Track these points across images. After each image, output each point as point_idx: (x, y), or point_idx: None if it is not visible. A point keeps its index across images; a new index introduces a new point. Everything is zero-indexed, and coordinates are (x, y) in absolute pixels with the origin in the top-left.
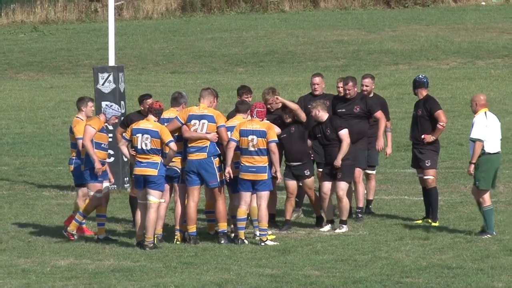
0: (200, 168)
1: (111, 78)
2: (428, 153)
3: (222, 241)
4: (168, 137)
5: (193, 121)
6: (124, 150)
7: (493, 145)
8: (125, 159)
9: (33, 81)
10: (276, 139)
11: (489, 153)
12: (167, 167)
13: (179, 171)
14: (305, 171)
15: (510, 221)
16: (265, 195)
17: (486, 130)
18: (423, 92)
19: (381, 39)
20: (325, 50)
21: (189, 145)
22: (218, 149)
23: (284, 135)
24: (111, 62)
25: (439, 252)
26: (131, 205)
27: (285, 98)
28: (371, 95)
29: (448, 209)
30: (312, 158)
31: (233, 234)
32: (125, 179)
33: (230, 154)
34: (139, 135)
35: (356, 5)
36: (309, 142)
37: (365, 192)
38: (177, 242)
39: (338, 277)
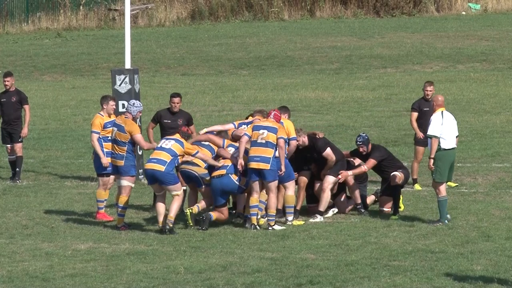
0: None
1: (127, 79)
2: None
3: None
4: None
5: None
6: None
7: (448, 141)
8: (140, 152)
9: (57, 82)
10: (286, 137)
11: (445, 149)
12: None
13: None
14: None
15: (487, 210)
16: (272, 185)
17: (442, 127)
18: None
19: (371, 45)
20: (320, 55)
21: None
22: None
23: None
24: (127, 65)
25: (423, 238)
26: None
27: (284, 97)
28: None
29: (431, 199)
30: None
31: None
32: (140, 170)
33: (242, 147)
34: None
35: (349, 14)
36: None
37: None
38: (190, 224)
39: (332, 260)
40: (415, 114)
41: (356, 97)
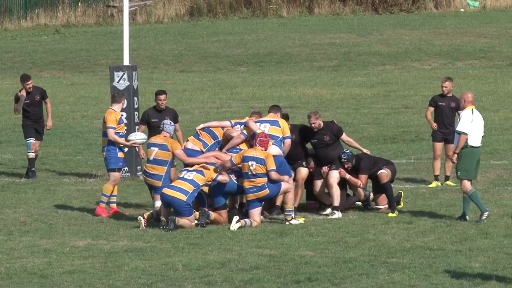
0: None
1: (125, 76)
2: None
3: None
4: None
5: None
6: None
7: (476, 139)
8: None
9: (55, 79)
10: (274, 167)
11: (472, 146)
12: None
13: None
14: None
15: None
16: (283, 189)
17: (471, 125)
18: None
19: (370, 42)
20: (319, 52)
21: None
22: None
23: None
24: (126, 61)
25: (421, 235)
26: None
27: (282, 94)
28: (450, 95)
29: (430, 196)
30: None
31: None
32: (138, 167)
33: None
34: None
35: (347, 11)
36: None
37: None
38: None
39: (330, 257)
40: (430, 109)
41: (354, 94)
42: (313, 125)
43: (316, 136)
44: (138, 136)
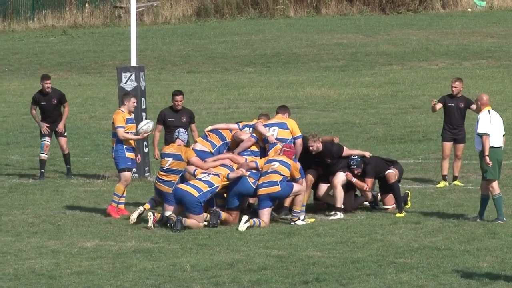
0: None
1: (133, 77)
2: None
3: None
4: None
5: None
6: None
7: (496, 139)
8: (146, 150)
9: (63, 80)
10: (300, 177)
11: (493, 147)
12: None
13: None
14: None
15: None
16: (295, 191)
17: (490, 125)
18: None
19: (377, 42)
20: (326, 52)
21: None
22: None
23: None
24: (133, 62)
25: (429, 235)
26: None
27: (289, 95)
28: (459, 95)
29: (437, 196)
30: None
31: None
32: (146, 168)
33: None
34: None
35: (355, 11)
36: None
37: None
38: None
39: (338, 258)
40: (439, 104)
41: (362, 94)
42: (311, 147)
43: (318, 158)
44: (145, 123)
